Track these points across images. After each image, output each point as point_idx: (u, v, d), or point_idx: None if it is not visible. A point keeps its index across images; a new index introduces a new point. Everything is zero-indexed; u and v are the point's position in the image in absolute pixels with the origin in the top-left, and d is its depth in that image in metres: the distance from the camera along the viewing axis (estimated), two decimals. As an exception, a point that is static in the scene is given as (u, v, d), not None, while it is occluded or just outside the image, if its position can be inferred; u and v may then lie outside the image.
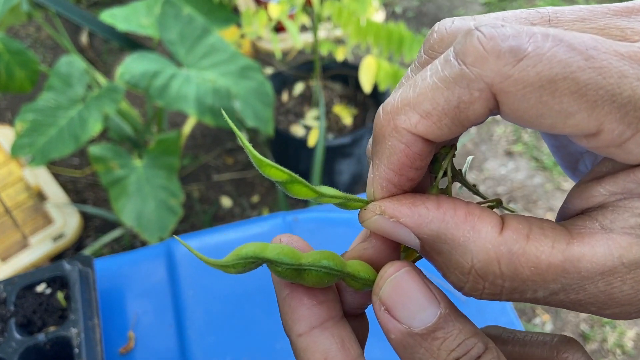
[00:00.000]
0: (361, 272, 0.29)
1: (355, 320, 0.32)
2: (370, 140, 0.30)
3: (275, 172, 0.30)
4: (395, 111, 0.26)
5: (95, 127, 1.44)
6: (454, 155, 0.29)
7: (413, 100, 0.25)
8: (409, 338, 0.26)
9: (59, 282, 0.79)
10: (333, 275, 0.29)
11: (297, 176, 0.30)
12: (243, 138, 0.28)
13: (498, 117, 1.30)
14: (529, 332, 0.29)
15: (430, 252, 0.27)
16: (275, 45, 1.63)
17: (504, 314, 0.90)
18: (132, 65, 1.42)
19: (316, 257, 0.28)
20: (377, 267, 0.30)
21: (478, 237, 0.25)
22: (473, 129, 2.48)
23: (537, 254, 0.24)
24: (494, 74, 0.22)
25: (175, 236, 0.29)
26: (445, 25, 0.27)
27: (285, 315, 0.30)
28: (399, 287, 0.27)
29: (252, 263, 0.28)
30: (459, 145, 2.01)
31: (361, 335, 0.32)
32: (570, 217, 0.26)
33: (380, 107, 0.28)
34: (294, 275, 0.28)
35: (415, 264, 0.30)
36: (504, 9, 3.06)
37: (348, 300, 0.32)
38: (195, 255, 0.27)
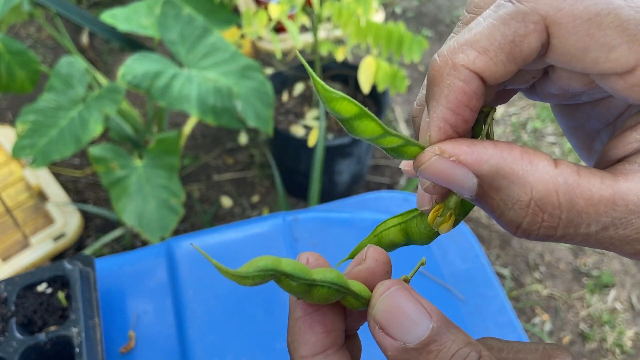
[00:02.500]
0: (362, 292, 0.30)
1: (348, 340, 0.33)
2: (419, 97, 0.31)
3: (347, 105, 0.29)
4: (453, 51, 0.27)
5: (96, 128, 1.44)
6: (493, 117, 0.30)
7: (470, 39, 0.26)
8: (405, 354, 0.27)
9: (60, 281, 0.79)
10: (339, 292, 0.29)
11: (367, 110, 0.29)
12: (313, 73, 0.27)
13: (497, 116, 1.30)
14: (522, 342, 0.30)
15: (488, 191, 0.27)
16: (276, 45, 1.63)
17: (503, 313, 0.90)
18: (133, 66, 1.42)
19: (325, 274, 0.29)
20: (370, 289, 0.31)
21: (536, 169, 0.26)
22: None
23: (589, 186, 0.25)
24: (548, 7, 0.24)
25: (192, 244, 0.31)
26: None
27: (293, 335, 0.31)
28: (390, 305, 0.28)
29: (270, 276, 0.28)
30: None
31: (354, 356, 0.33)
32: (609, 166, 0.28)
33: (436, 54, 0.28)
34: (304, 290, 0.29)
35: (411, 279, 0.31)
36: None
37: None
38: (214, 265, 0.27)
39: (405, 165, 0.34)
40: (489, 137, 0.30)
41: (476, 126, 0.30)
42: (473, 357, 0.27)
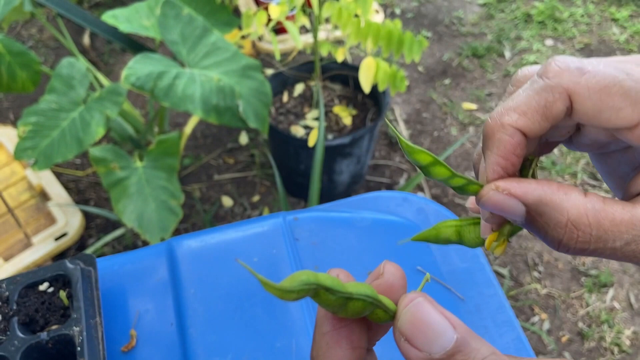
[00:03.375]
0: (390, 305, 0.31)
1: (367, 355, 0.35)
2: (477, 149, 0.40)
3: (424, 156, 0.36)
4: (500, 114, 0.35)
5: (98, 131, 1.45)
6: (537, 163, 0.37)
7: (513, 105, 0.34)
8: None
9: (62, 281, 0.80)
10: (372, 305, 0.31)
11: (439, 159, 0.36)
12: (398, 133, 0.34)
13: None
14: (533, 358, 0.33)
15: (534, 216, 0.33)
16: (275, 46, 1.64)
17: (502, 312, 0.90)
18: (136, 67, 1.42)
19: (359, 288, 0.30)
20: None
21: (570, 198, 0.32)
22: (471, 130, 2.48)
23: (612, 211, 0.32)
24: (569, 81, 0.32)
25: (237, 259, 0.32)
26: (525, 68, 0.37)
27: (319, 349, 0.32)
28: (415, 317, 0.30)
29: (312, 289, 0.29)
30: (459, 142, 2.02)
31: None
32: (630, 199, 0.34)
33: (488, 117, 0.36)
34: (340, 304, 0.30)
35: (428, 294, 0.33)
36: (502, 10, 3.08)
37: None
38: (258, 279, 0.27)
39: (470, 203, 0.42)
40: (533, 177, 0.37)
41: (523, 170, 0.37)
42: None
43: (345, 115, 2.03)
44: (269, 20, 1.73)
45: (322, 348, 0.32)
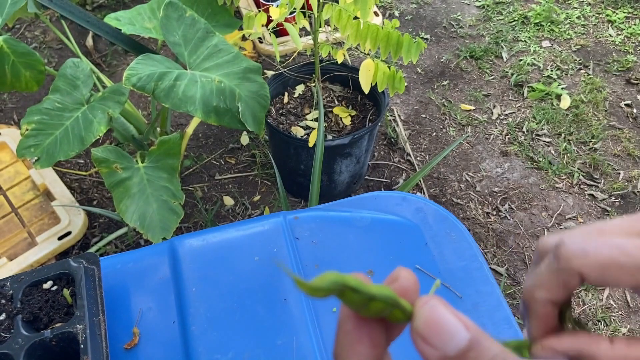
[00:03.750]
0: (407, 306, 0.33)
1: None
2: (527, 285, 0.44)
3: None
4: (531, 290, 0.40)
5: (99, 129, 1.46)
6: (570, 308, 0.43)
7: (539, 283, 0.40)
8: None
9: (65, 279, 0.81)
10: (392, 306, 0.32)
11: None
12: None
13: (494, 117, 1.33)
14: None
15: None
16: (275, 47, 1.65)
17: (499, 310, 0.92)
18: (138, 68, 1.42)
19: (382, 290, 0.32)
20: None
21: (600, 348, 0.37)
22: (469, 130, 2.49)
23: (636, 352, 0.36)
24: (577, 265, 0.37)
25: (278, 263, 0.35)
26: (545, 240, 0.42)
27: (343, 346, 0.34)
28: (431, 318, 0.31)
29: (338, 289, 0.31)
30: (456, 144, 2.02)
31: None
32: None
33: (523, 289, 0.42)
34: (363, 304, 0.32)
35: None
36: (500, 13, 3.09)
37: None
38: (293, 278, 0.29)
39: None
40: (571, 322, 0.43)
41: (561, 315, 0.42)
42: None
43: (345, 116, 2.04)
44: (270, 21, 1.74)
45: (346, 345, 0.33)
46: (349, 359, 0.33)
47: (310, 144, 1.83)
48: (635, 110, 2.59)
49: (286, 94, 2.12)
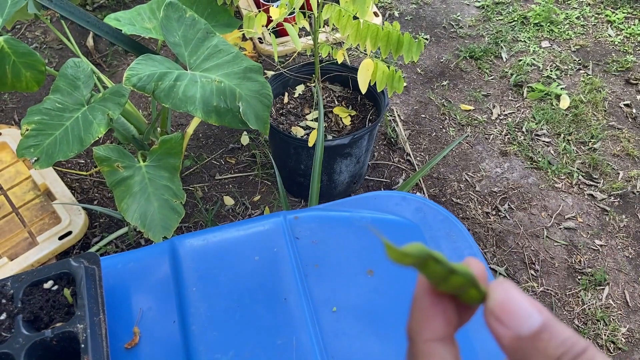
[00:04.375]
0: (482, 286, 0.33)
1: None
2: None
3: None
4: None
5: (99, 130, 1.46)
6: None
7: None
8: (518, 341, 0.31)
9: (66, 279, 0.81)
10: (469, 283, 0.33)
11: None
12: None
13: (493, 117, 1.33)
14: None
15: None
16: (275, 47, 1.65)
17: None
18: (138, 68, 1.43)
19: (461, 266, 0.33)
20: None
21: None
22: (469, 130, 2.50)
23: None
24: None
25: (369, 226, 0.34)
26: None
27: (417, 321, 0.34)
28: (506, 298, 0.32)
29: (423, 258, 0.32)
30: (456, 144, 2.02)
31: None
32: None
33: None
34: (443, 276, 0.32)
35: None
36: (499, 13, 3.09)
37: None
38: (383, 242, 0.30)
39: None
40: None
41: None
42: (581, 345, 0.30)
43: (345, 116, 2.05)
44: (270, 21, 1.75)
45: (421, 320, 0.34)
46: (423, 334, 0.34)
47: (310, 144, 1.83)
48: (634, 110, 2.59)
49: (286, 94, 2.12)
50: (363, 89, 1.65)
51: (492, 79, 2.73)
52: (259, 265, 0.92)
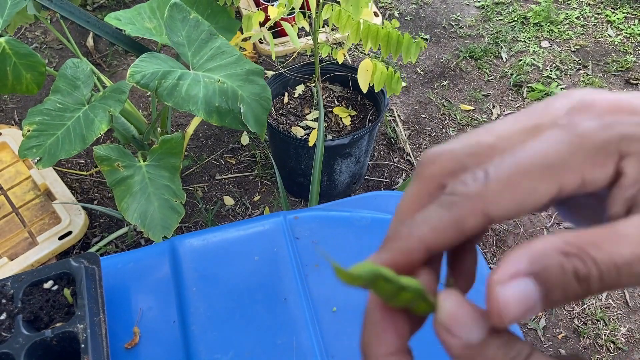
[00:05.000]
0: (431, 299, 0.33)
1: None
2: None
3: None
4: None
5: (101, 127, 1.46)
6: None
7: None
8: (468, 350, 0.31)
9: (66, 279, 0.81)
10: (419, 297, 0.33)
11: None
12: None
13: (493, 117, 1.34)
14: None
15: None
16: (272, 46, 1.65)
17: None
18: (142, 66, 1.42)
19: (410, 281, 0.32)
20: None
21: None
22: (469, 130, 2.50)
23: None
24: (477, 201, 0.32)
25: (322, 252, 0.35)
26: (428, 159, 0.35)
27: (370, 335, 0.34)
28: (455, 308, 0.31)
29: (373, 278, 0.32)
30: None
31: None
32: None
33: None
34: (393, 293, 0.32)
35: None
36: (499, 13, 3.09)
37: None
38: (332, 265, 0.30)
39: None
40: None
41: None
42: (527, 350, 0.31)
43: (345, 116, 2.05)
44: (267, 20, 1.75)
45: (373, 334, 0.34)
46: (376, 348, 0.34)
47: (310, 144, 1.83)
48: (634, 111, 2.59)
49: (286, 94, 2.12)
50: (364, 89, 1.65)
51: (492, 79, 2.73)
52: (259, 265, 0.92)
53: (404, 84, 2.66)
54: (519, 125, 0.33)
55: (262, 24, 1.78)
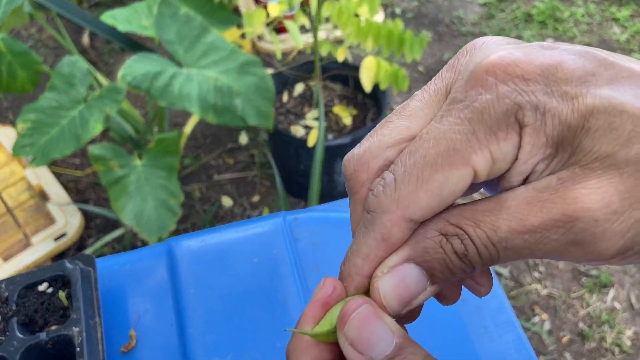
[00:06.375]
0: (324, 327, 0.34)
1: None
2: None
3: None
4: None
5: (96, 128, 1.45)
6: None
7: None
8: None
9: (61, 281, 0.80)
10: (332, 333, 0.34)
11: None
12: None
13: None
14: None
15: None
16: (276, 45, 1.64)
17: (502, 313, 0.90)
18: (133, 67, 1.42)
19: (323, 328, 0.34)
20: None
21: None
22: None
23: None
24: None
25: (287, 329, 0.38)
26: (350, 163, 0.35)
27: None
28: (360, 323, 0.31)
29: (330, 333, 0.33)
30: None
31: None
32: None
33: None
34: (330, 336, 0.34)
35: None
36: (503, 10, 3.08)
37: None
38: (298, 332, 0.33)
39: None
40: None
41: None
42: None
43: (346, 115, 2.03)
44: (268, 18, 1.73)
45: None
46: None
47: (310, 144, 1.82)
48: None
49: (285, 93, 2.11)
50: (367, 87, 1.63)
51: (493, 78, 2.72)
52: (257, 267, 0.91)
53: (404, 83, 2.65)
54: (427, 100, 0.34)
55: (261, 22, 1.77)
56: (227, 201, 2.21)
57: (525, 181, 0.29)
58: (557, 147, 0.28)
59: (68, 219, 1.97)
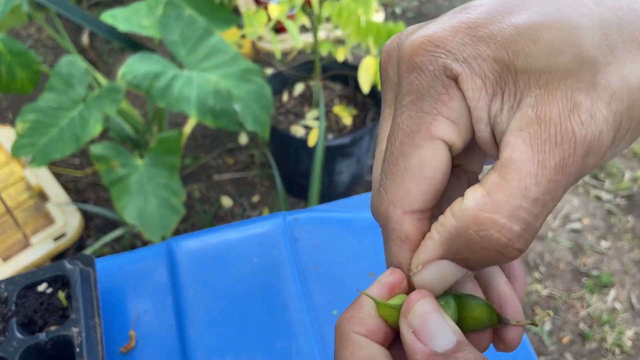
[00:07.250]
0: (395, 301, 0.35)
1: None
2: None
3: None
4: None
5: (95, 128, 1.45)
6: None
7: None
8: (433, 358, 0.31)
9: (60, 281, 0.80)
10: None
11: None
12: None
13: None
14: None
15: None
16: (276, 45, 1.63)
17: (503, 313, 0.90)
18: (134, 66, 1.42)
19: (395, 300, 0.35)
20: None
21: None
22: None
23: None
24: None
25: (360, 291, 0.36)
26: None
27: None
28: (424, 314, 0.32)
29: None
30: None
31: None
32: None
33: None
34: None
35: None
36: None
37: None
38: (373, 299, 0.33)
39: None
40: None
41: None
42: None
43: (346, 115, 2.03)
44: (269, 19, 1.73)
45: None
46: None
47: (310, 144, 1.82)
48: None
49: (285, 92, 2.11)
50: (365, 88, 1.63)
51: (492, 78, 2.72)
52: (257, 268, 0.90)
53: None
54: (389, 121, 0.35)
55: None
56: (227, 201, 2.20)
57: (494, 131, 0.30)
58: (497, 83, 0.29)
59: (67, 219, 1.97)
